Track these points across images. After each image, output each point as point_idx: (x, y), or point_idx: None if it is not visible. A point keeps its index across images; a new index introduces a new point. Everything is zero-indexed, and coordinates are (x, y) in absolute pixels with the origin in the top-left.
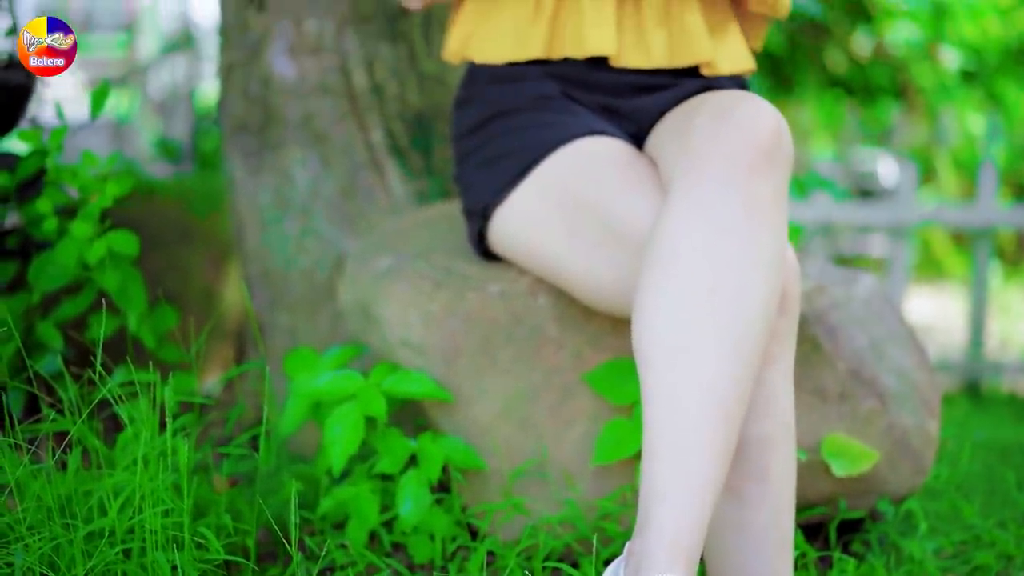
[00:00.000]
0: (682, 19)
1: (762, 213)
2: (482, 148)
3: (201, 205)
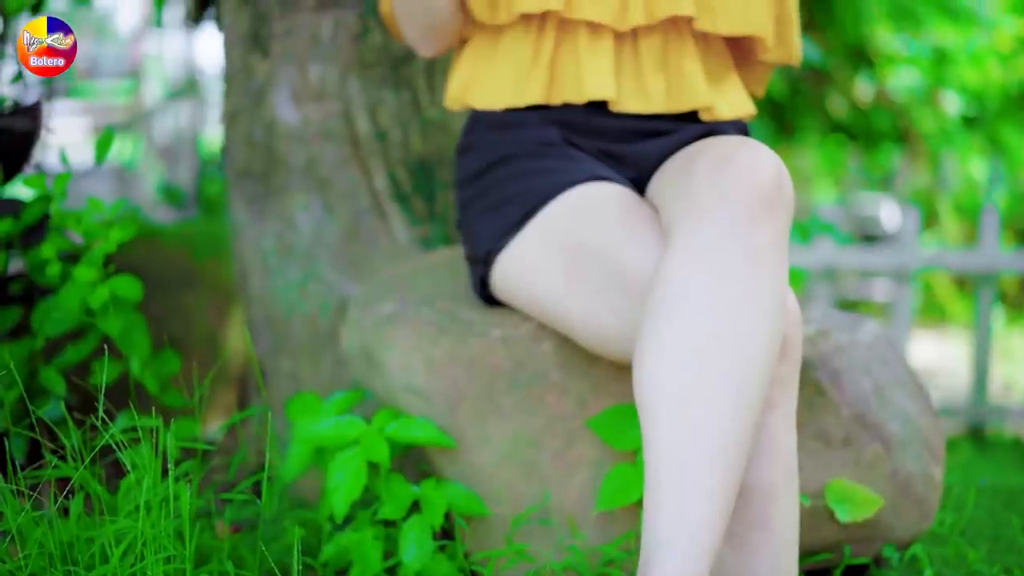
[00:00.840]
0: (680, 65)
1: (763, 260)
2: (484, 194)
3: (204, 250)
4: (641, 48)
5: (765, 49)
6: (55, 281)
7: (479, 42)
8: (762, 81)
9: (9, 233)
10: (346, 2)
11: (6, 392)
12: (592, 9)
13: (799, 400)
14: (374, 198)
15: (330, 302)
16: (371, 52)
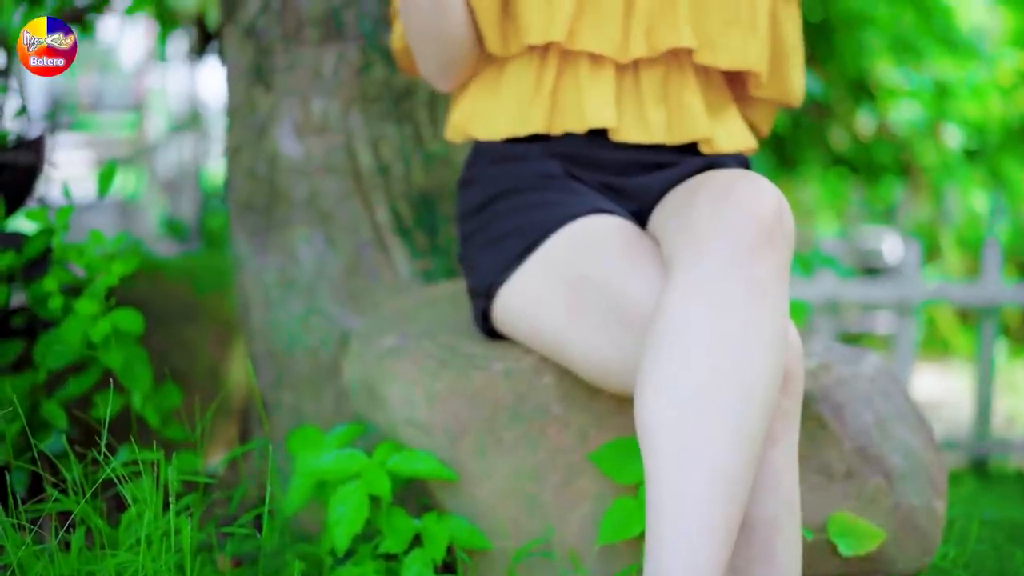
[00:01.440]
0: (680, 97)
1: (763, 292)
2: (485, 228)
3: (207, 283)
4: (642, 80)
5: (757, 85)
6: (57, 314)
7: (482, 74)
8: (767, 119)
9: (11, 266)
10: (349, 36)
11: (8, 425)
12: (594, 41)
13: (801, 433)
14: (376, 231)
15: (332, 335)
16: (373, 86)
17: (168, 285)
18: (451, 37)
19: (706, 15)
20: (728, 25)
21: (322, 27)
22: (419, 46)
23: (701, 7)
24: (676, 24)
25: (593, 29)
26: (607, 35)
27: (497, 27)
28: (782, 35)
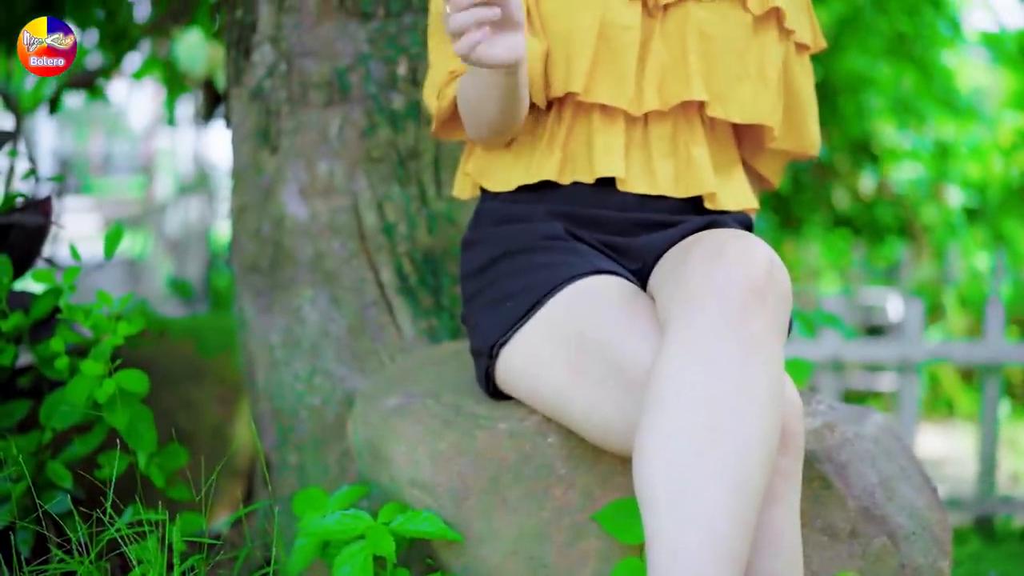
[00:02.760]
0: (688, 151)
1: (756, 350)
2: (489, 288)
3: (212, 344)
4: (651, 132)
5: (772, 138)
6: (63, 374)
7: None
8: (778, 171)
9: (19, 326)
10: (354, 99)
11: (13, 485)
12: (609, 93)
13: (805, 493)
14: (381, 291)
15: (336, 395)
16: (378, 147)
17: (174, 345)
18: (517, 111)
19: (717, 69)
20: (738, 79)
21: (327, 90)
22: (480, 121)
23: (712, 62)
24: (688, 78)
25: (608, 83)
26: (622, 89)
27: (541, 88)
28: (795, 87)
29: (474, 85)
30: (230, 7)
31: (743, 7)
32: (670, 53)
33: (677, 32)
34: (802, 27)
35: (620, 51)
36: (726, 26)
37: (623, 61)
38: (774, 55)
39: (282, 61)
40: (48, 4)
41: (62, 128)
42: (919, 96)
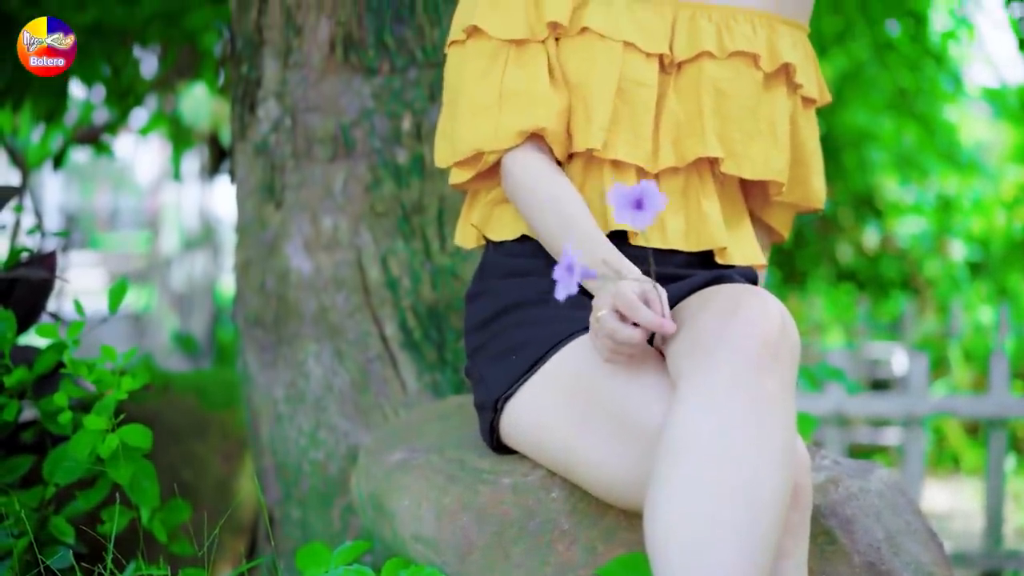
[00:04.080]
0: (699, 206)
1: (770, 407)
2: (493, 342)
3: (216, 398)
4: (662, 187)
5: (778, 191)
6: (67, 429)
7: (498, 181)
8: (787, 222)
9: (22, 381)
10: (358, 153)
11: (15, 541)
12: (627, 150)
13: (810, 548)
14: (384, 346)
15: (340, 450)
16: (383, 202)
17: (178, 399)
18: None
19: (730, 126)
20: (751, 136)
21: (332, 145)
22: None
23: (726, 118)
24: (704, 135)
25: (626, 139)
26: (639, 145)
27: (564, 144)
28: (802, 140)
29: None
30: (235, 63)
31: (755, 65)
32: (685, 110)
33: (692, 89)
34: (809, 81)
35: (638, 108)
36: (740, 83)
37: (641, 118)
38: (783, 111)
39: (287, 116)
40: None
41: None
42: (922, 150)
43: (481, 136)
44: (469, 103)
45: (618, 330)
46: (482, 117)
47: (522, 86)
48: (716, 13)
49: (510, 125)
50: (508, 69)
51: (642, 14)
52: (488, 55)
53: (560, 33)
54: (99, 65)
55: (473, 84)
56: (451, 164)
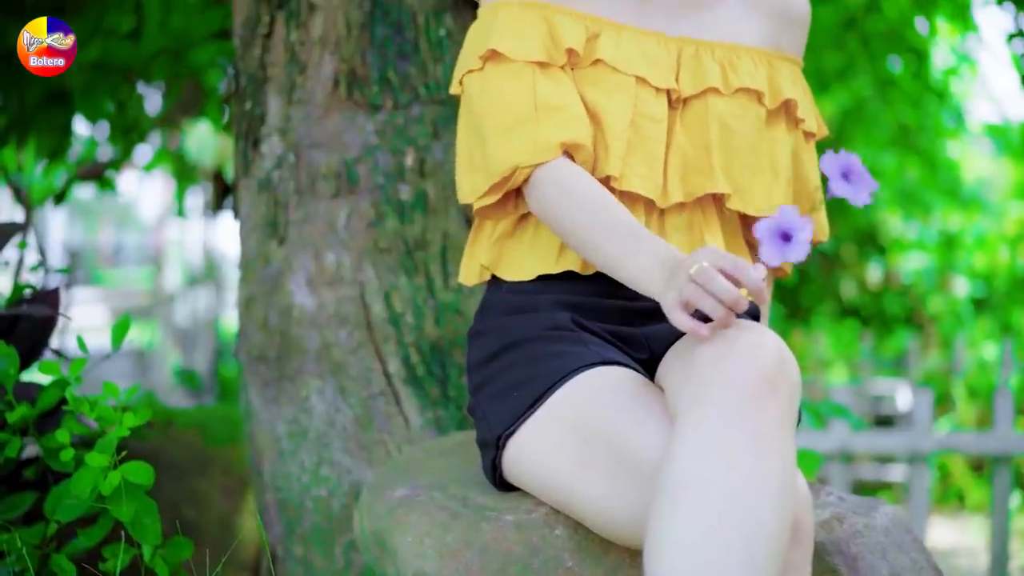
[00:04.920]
0: (703, 241)
1: (768, 442)
2: (496, 379)
3: (219, 434)
4: (668, 223)
5: None
6: (69, 466)
7: (508, 220)
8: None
9: (25, 418)
10: (361, 190)
11: None
12: (641, 183)
13: None
14: (388, 382)
15: (343, 486)
16: (386, 238)
17: (180, 436)
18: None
19: (736, 162)
20: (754, 172)
21: (335, 181)
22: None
23: (732, 155)
24: (711, 171)
25: (640, 172)
26: (652, 179)
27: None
28: (805, 175)
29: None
30: (239, 100)
31: (759, 101)
32: (692, 145)
33: (698, 124)
34: (809, 115)
35: (649, 142)
36: (745, 119)
37: (652, 152)
38: (785, 147)
39: (290, 153)
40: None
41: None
42: (924, 187)
43: (518, 151)
44: (501, 120)
45: (716, 279)
46: (518, 132)
47: (557, 99)
48: (718, 49)
49: (550, 137)
50: (540, 84)
51: (649, 48)
52: (512, 74)
53: (574, 63)
54: (103, 101)
55: (503, 101)
56: (485, 190)
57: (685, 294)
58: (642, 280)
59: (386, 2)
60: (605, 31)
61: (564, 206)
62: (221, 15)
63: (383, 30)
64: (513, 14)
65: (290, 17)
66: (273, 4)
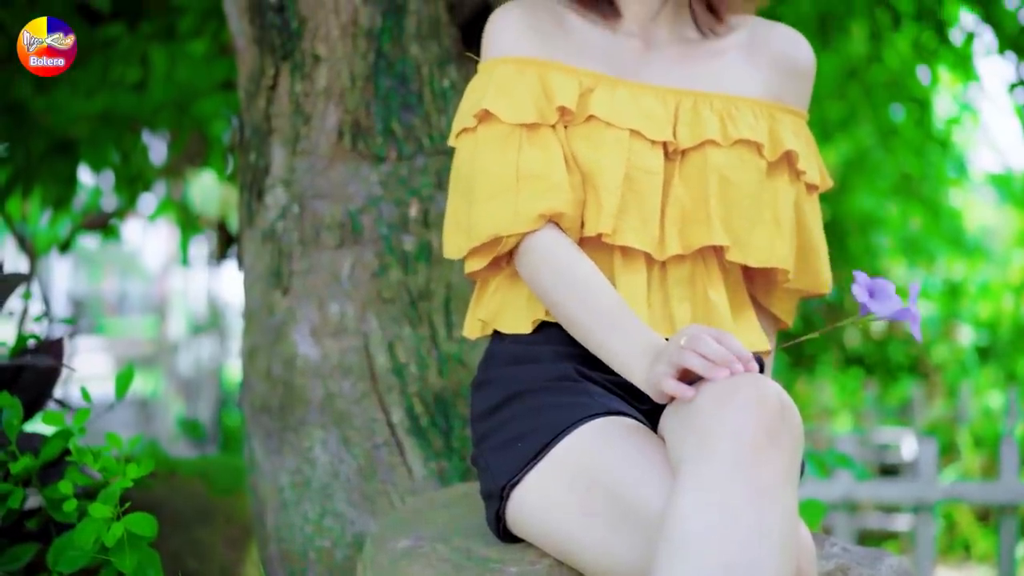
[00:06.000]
0: (706, 295)
1: (771, 494)
2: (499, 430)
3: (222, 484)
4: (669, 275)
5: (786, 278)
6: (72, 517)
7: (506, 270)
8: (790, 309)
9: (28, 469)
10: (365, 240)
11: None
12: (636, 237)
13: None
14: (391, 432)
15: (346, 537)
16: (390, 288)
17: (183, 486)
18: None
19: (735, 214)
20: (755, 224)
21: (339, 231)
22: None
23: (731, 206)
24: (710, 223)
25: (635, 226)
26: (648, 232)
27: (577, 230)
28: (807, 227)
29: (567, 315)
30: (244, 150)
31: (759, 153)
32: (690, 197)
33: (697, 176)
34: (811, 168)
35: (645, 195)
36: (744, 171)
37: (648, 205)
38: (787, 198)
39: (295, 203)
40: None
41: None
42: (928, 235)
43: (499, 220)
44: (485, 188)
45: (704, 340)
46: (499, 201)
47: (539, 168)
48: (718, 102)
49: (529, 208)
50: (523, 151)
51: (645, 101)
52: (501, 139)
53: (568, 120)
54: (108, 152)
55: (488, 169)
56: (466, 252)
57: (674, 360)
58: (623, 366)
59: (390, 54)
60: (600, 86)
61: (549, 281)
62: (226, 67)
63: (387, 82)
64: (509, 72)
65: (295, 69)
66: (278, 56)
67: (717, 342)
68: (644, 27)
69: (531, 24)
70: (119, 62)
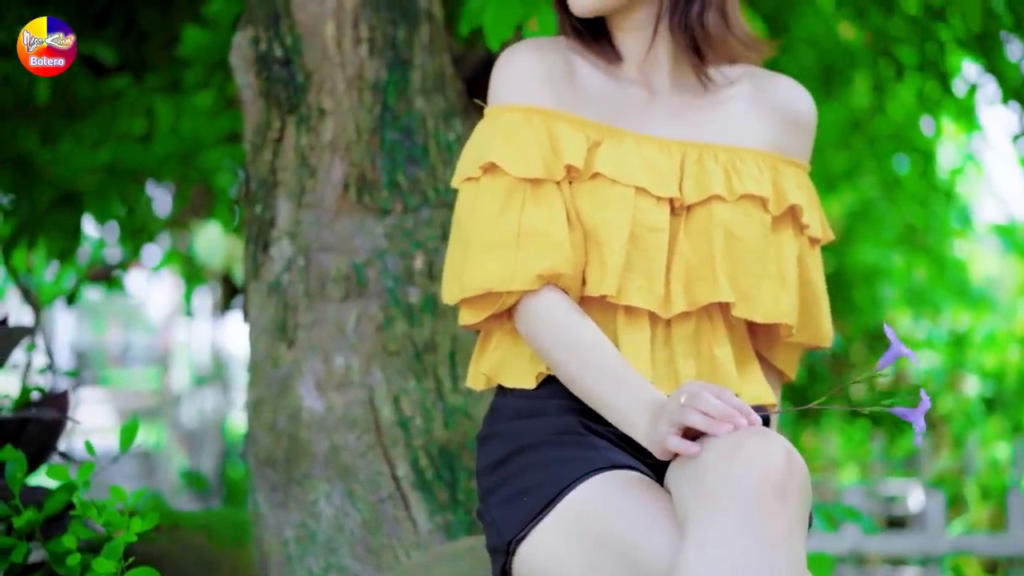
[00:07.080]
0: (711, 351)
1: (777, 549)
2: (505, 484)
3: (226, 537)
4: (674, 332)
5: (789, 333)
6: (75, 572)
7: (508, 324)
8: (793, 363)
9: (31, 522)
10: (371, 293)
11: None
12: (640, 297)
13: None
14: (396, 485)
15: None
16: (395, 341)
17: (186, 539)
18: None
19: (740, 270)
20: (760, 279)
21: (345, 284)
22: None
23: (736, 262)
24: (715, 280)
25: (640, 284)
26: (652, 291)
27: (579, 290)
28: (810, 280)
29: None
30: (250, 203)
31: (764, 208)
32: (696, 253)
33: (702, 232)
34: (814, 221)
35: (650, 253)
36: (750, 226)
37: (654, 263)
38: (791, 252)
39: (300, 256)
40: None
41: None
42: (932, 286)
43: (493, 276)
44: (482, 241)
45: (705, 397)
46: (495, 256)
47: (541, 227)
48: (722, 154)
49: (529, 267)
50: (526, 208)
51: (651, 155)
52: (504, 192)
53: (573, 177)
54: (113, 204)
55: (488, 222)
56: (457, 302)
57: (675, 418)
58: (625, 424)
59: (396, 107)
60: (607, 140)
61: (550, 342)
62: (231, 119)
63: (393, 134)
64: (516, 121)
65: (301, 122)
66: (284, 109)
67: (717, 398)
68: (644, 73)
69: (539, 70)
70: (125, 114)
